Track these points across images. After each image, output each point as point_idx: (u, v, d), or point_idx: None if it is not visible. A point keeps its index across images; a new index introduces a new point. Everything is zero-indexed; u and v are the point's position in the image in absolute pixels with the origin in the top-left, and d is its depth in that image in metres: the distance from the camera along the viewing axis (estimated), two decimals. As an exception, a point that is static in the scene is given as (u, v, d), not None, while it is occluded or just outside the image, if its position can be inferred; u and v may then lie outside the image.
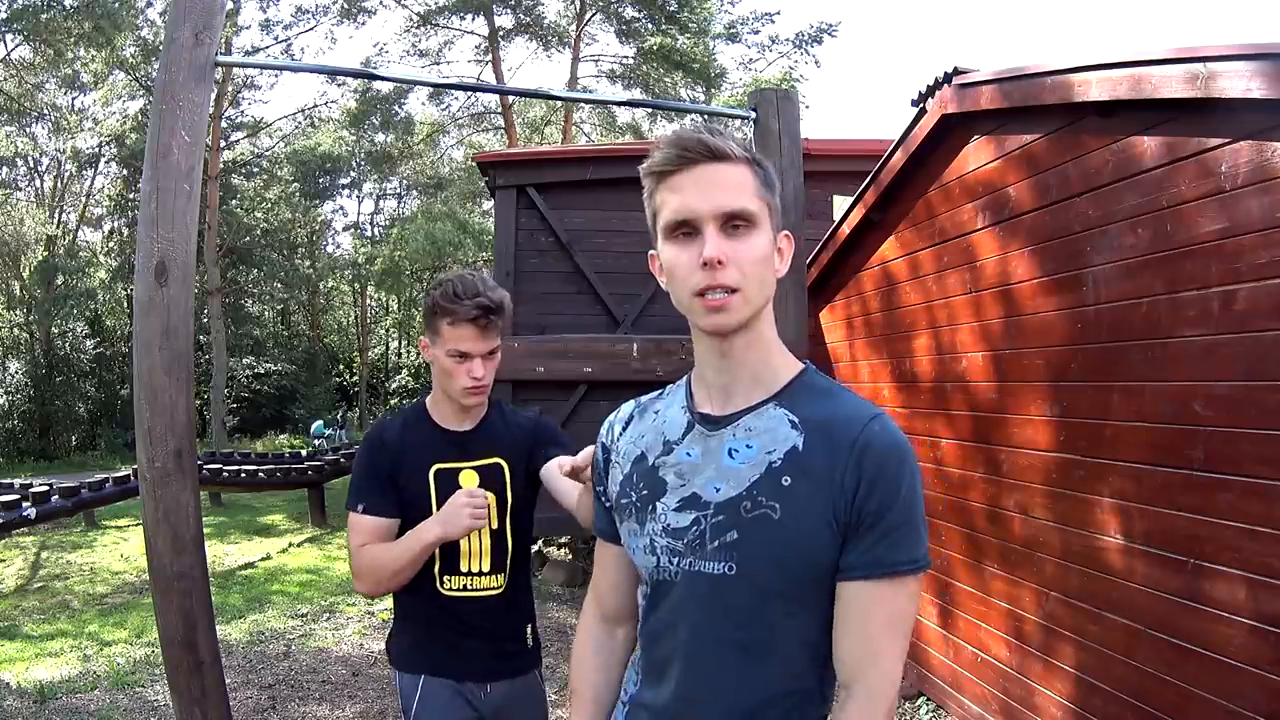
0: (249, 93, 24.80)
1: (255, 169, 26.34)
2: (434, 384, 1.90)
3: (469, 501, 1.73)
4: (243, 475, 10.67)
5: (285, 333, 32.12)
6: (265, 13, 31.46)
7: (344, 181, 29.34)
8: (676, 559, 1.09)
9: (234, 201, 24.56)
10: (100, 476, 9.42)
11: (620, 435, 1.23)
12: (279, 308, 30.86)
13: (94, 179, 26.58)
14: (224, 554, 8.70)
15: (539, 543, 7.22)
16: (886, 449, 1.02)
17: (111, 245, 26.29)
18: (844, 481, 1.02)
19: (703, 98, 21.54)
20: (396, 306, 33.89)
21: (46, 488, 8.04)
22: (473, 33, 22.79)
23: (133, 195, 23.11)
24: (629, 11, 21.64)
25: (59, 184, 26.60)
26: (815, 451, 1.04)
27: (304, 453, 15.45)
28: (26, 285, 23.92)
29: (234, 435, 24.47)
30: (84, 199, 26.82)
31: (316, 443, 20.54)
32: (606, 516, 1.24)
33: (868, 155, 5.08)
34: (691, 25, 21.10)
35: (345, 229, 32.76)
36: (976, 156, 3.50)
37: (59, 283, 23.48)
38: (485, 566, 1.86)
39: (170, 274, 2.25)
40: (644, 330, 6.49)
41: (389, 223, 31.49)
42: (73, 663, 4.92)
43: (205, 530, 2.43)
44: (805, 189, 2.95)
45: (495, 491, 1.86)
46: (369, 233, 32.38)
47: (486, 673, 1.86)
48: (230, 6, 18.76)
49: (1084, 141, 2.83)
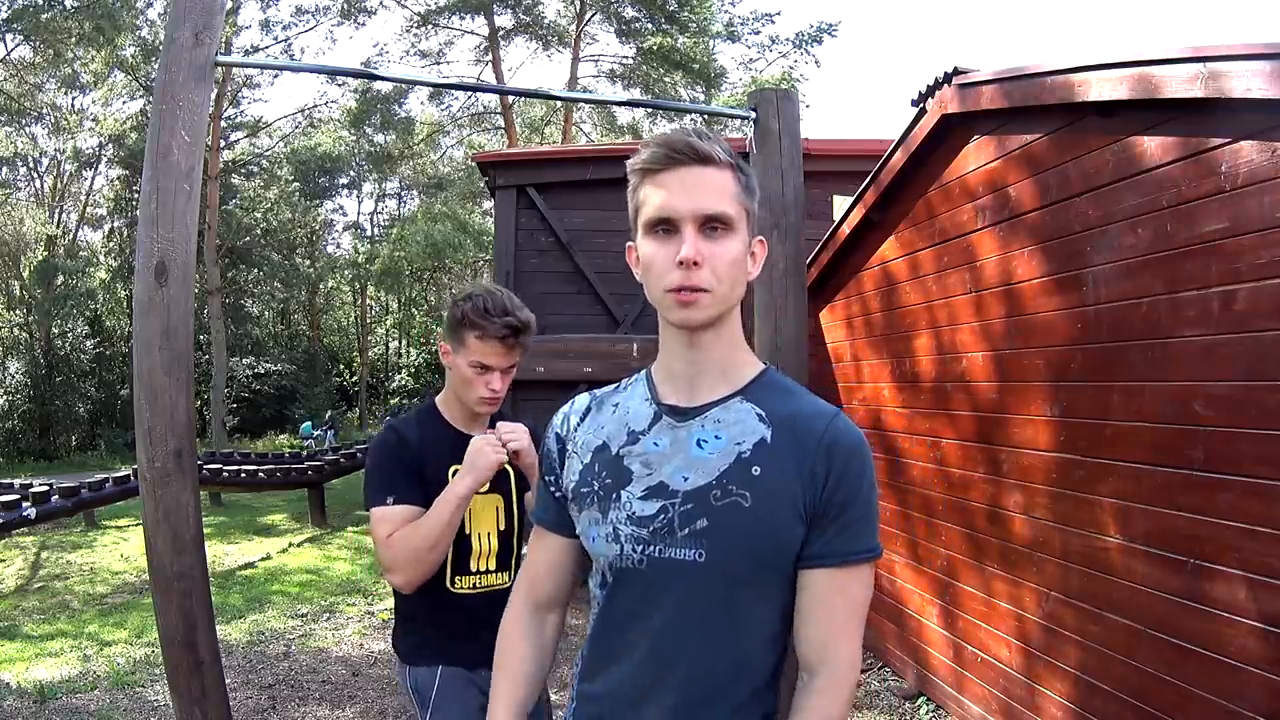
0: (249, 92, 24.84)
1: (255, 169, 26.36)
2: (447, 387, 1.93)
3: (486, 440, 1.76)
4: (243, 475, 10.66)
5: (285, 333, 32.09)
6: (265, 13, 31.52)
7: (344, 181, 29.40)
8: (641, 546, 1.10)
9: (234, 201, 24.57)
10: (100, 476, 9.41)
11: (577, 426, 1.24)
12: (279, 308, 30.85)
13: (94, 179, 26.63)
14: (224, 554, 8.70)
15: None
16: (852, 445, 1.09)
17: (111, 245, 26.29)
18: (814, 472, 1.07)
19: (702, 98, 21.54)
20: (396, 306, 33.91)
21: (46, 488, 8.03)
22: (473, 33, 22.82)
23: (133, 195, 23.13)
24: (629, 11, 21.62)
25: (59, 184, 26.61)
26: (783, 444, 1.09)
27: (303, 453, 15.45)
28: (26, 285, 23.93)
29: (234, 435, 24.46)
30: (84, 199, 26.83)
31: (305, 443, 20.39)
32: (555, 506, 1.25)
33: (868, 155, 5.08)
34: (691, 25, 21.09)
35: (345, 229, 32.81)
36: (977, 156, 3.50)
37: (59, 283, 23.49)
38: (493, 566, 1.91)
39: (170, 274, 2.25)
40: (644, 330, 6.49)
41: (389, 223, 31.52)
42: (73, 663, 4.92)
43: (205, 530, 2.43)
44: (805, 189, 2.95)
45: (501, 495, 1.92)
46: (369, 233, 32.40)
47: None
48: (230, 6, 18.77)
49: (1084, 141, 2.83)
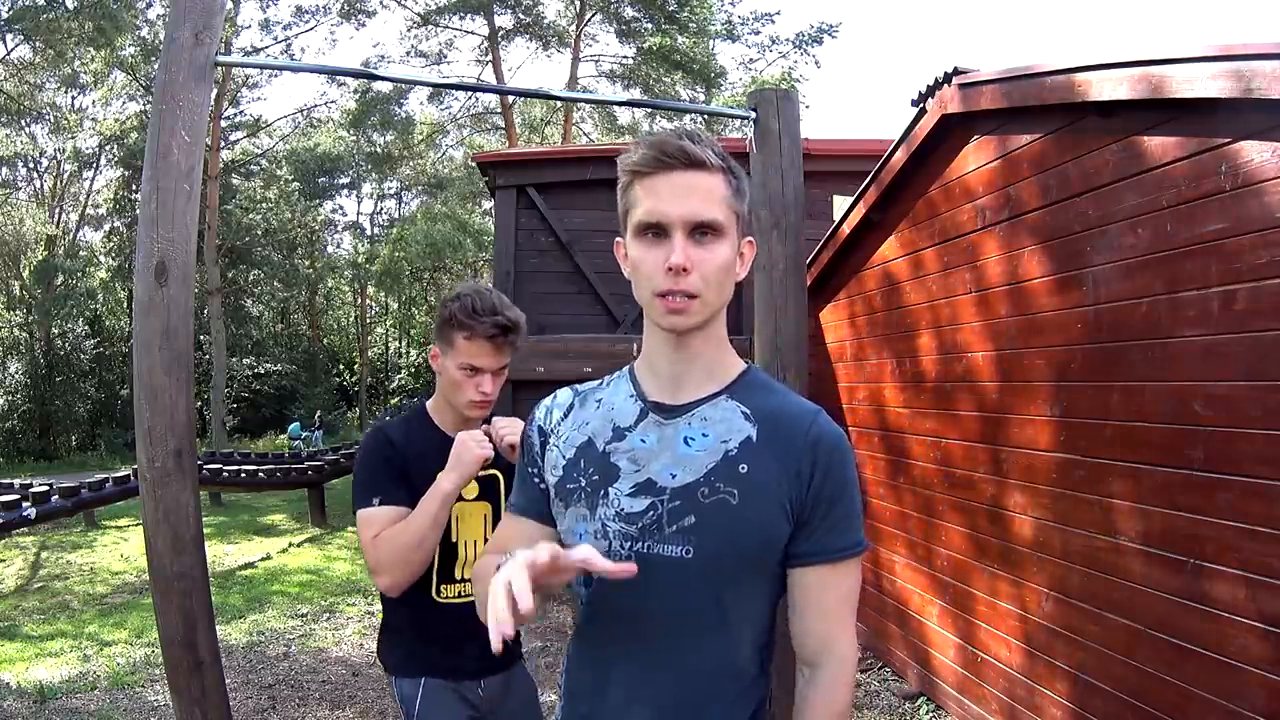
0: (249, 92, 24.85)
1: (255, 169, 26.36)
2: (438, 391, 1.90)
3: (470, 435, 1.73)
4: (243, 475, 10.67)
5: (285, 333, 32.08)
6: (265, 13, 31.56)
7: (344, 181, 29.38)
8: (629, 543, 1.10)
9: (234, 201, 24.56)
10: (100, 476, 9.41)
11: (561, 421, 1.22)
12: (279, 308, 30.84)
13: (94, 179, 26.62)
14: (224, 554, 8.69)
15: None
16: (836, 443, 1.11)
17: (111, 245, 26.29)
18: (800, 470, 1.09)
19: (702, 98, 21.53)
20: (396, 306, 33.89)
21: (46, 488, 8.03)
22: (473, 33, 22.81)
23: (133, 195, 23.12)
24: (629, 11, 21.62)
25: (59, 184, 26.60)
26: (769, 442, 1.10)
27: (289, 454, 15.44)
28: (26, 285, 23.92)
29: (234, 435, 24.46)
30: (84, 199, 26.83)
31: (294, 444, 20.19)
32: (540, 496, 1.22)
33: (868, 155, 5.09)
34: (691, 25, 21.08)
35: (345, 229, 32.79)
36: (976, 156, 3.50)
37: (59, 283, 23.48)
38: None
39: (170, 274, 2.24)
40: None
41: (389, 223, 31.51)
42: (72, 663, 4.92)
43: (205, 530, 2.42)
44: (805, 189, 2.94)
45: (490, 502, 1.90)
46: (369, 233, 32.39)
47: (480, 670, 1.89)
48: (230, 6, 18.77)
49: (1084, 141, 2.83)
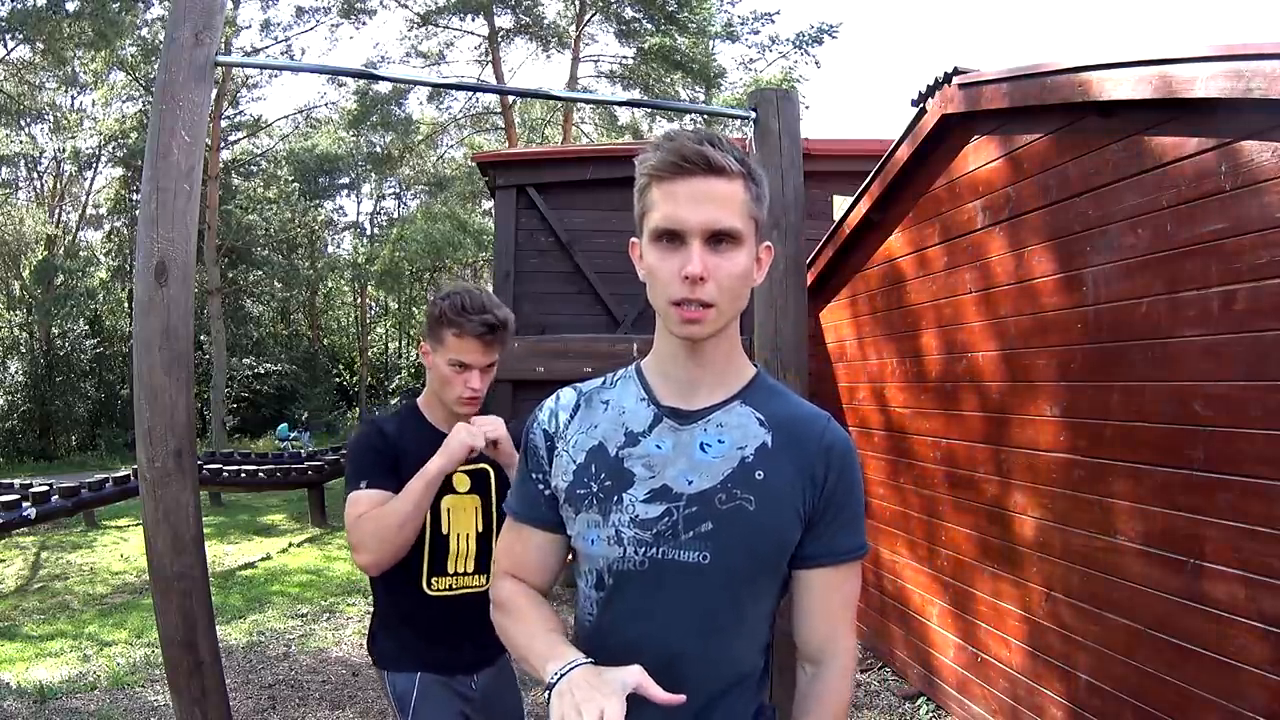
0: (248, 92, 24.84)
1: (255, 169, 26.35)
2: (428, 387, 1.93)
3: (463, 425, 1.76)
4: (243, 475, 10.66)
5: (285, 333, 32.06)
6: (265, 13, 31.59)
7: (344, 181, 29.37)
8: (644, 549, 1.10)
9: (234, 201, 24.55)
10: (100, 476, 9.40)
11: (567, 424, 1.19)
12: (279, 308, 30.83)
13: (94, 179, 26.61)
14: (224, 554, 8.69)
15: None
16: (846, 448, 1.14)
17: (111, 245, 26.29)
18: (814, 475, 1.11)
19: (702, 98, 21.50)
20: (396, 306, 33.87)
21: (46, 488, 8.02)
22: (473, 33, 22.79)
23: (133, 195, 23.13)
24: (629, 12, 21.60)
25: (59, 184, 26.60)
26: (784, 447, 1.11)
27: (288, 453, 15.41)
28: (26, 285, 23.91)
29: (234, 435, 24.44)
30: (84, 199, 26.82)
31: (281, 445, 20.01)
32: (543, 501, 1.20)
33: (868, 155, 5.09)
34: (691, 25, 21.05)
35: (345, 229, 32.78)
36: (977, 156, 3.50)
37: (59, 283, 23.46)
38: (471, 568, 1.89)
39: (170, 274, 2.24)
40: (644, 330, 6.48)
41: (389, 223, 31.48)
42: (72, 663, 4.92)
43: (205, 530, 2.43)
44: (805, 189, 2.94)
45: (481, 496, 1.91)
46: (369, 233, 32.38)
47: (472, 664, 1.91)
48: (230, 6, 18.77)
49: (1084, 141, 2.83)
